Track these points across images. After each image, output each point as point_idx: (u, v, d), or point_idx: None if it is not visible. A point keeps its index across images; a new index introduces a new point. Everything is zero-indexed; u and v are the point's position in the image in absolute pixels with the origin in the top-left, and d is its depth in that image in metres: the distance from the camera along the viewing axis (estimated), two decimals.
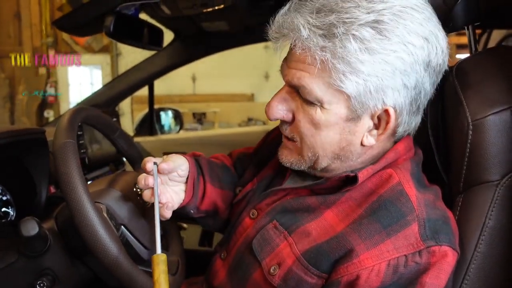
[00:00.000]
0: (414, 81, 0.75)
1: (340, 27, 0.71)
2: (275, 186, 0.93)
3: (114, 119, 1.93)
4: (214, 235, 1.76)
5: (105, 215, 0.86)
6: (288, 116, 0.82)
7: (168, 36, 1.89)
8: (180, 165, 0.94)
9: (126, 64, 6.40)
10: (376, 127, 0.79)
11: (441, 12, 0.80)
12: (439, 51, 0.76)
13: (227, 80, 6.95)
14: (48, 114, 7.01)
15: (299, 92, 0.78)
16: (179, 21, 1.83)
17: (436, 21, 0.77)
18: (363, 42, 0.71)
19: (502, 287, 0.78)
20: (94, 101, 2.10)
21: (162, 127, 2.74)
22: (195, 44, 2.08)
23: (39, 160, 1.18)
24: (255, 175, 1.01)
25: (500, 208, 0.79)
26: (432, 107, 0.90)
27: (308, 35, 0.72)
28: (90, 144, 1.61)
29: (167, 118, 2.85)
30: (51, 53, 7.12)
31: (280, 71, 0.82)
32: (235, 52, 2.22)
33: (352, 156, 0.81)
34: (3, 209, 1.17)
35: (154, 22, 1.73)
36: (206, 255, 1.17)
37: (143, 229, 0.94)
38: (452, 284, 0.76)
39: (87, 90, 7.50)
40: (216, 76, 6.64)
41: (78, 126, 0.91)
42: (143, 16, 1.65)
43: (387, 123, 0.78)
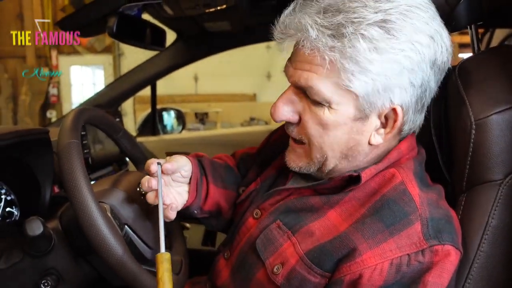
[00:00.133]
0: (420, 79, 0.75)
1: (349, 27, 0.70)
2: (278, 186, 0.93)
3: (117, 119, 1.94)
4: (217, 234, 1.76)
5: (109, 214, 0.87)
6: (294, 117, 0.81)
7: (170, 36, 1.89)
8: (183, 165, 0.94)
9: (128, 64, 6.40)
10: (383, 126, 0.79)
11: (443, 12, 0.80)
12: (444, 49, 0.77)
13: (229, 80, 6.94)
14: (50, 114, 7.03)
15: (306, 93, 0.78)
16: (181, 21, 1.83)
17: (439, 19, 0.77)
18: (371, 41, 0.71)
19: (505, 286, 0.78)
20: (97, 101, 2.10)
21: (164, 127, 2.74)
22: (198, 44, 2.08)
23: (43, 160, 1.18)
24: (259, 175, 1.01)
25: (503, 208, 0.79)
26: (435, 107, 0.90)
27: (317, 35, 0.71)
28: (93, 144, 1.61)
29: (169, 118, 2.85)
30: (54, 53, 7.15)
31: (285, 72, 0.82)
32: (237, 52, 2.22)
33: (359, 155, 0.81)
34: (8, 209, 1.17)
35: (156, 23, 1.74)
36: (209, 254, 1.17)
37: (146, 228, 0.94)
38: (455, 284, 0.76)
39: (89, 90, 7.51)
40: (218, 76, 6.62)
41: (82, 126, 0.92)
42: (146, 16, 1.66)
43: (395, 121, 0.78)
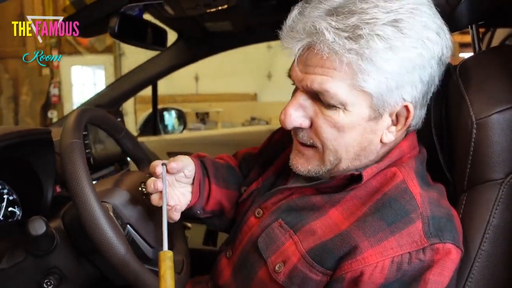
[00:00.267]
0: (428, 75, 0.77)
1: (364, 28, 0.71)
2: (279, 185, 0.93)
3: (119, 119, 1.94)
4: (218, 234, 1.76)
5: (111, 214, 0.87)
6: (306, 122, 0.80)
7: (171, 36, 1.89)
8: (187, 165, 0.95)
9: (129, 64, 6.40)
10: (394, 123, 0.80)
11: (444, 12, 0.80)
12: (447, 45, 0.78)
13: (230, 80, 6.94)
14: (52, 114, 7.04)
15: (318, 97, 0.77)
16: (182, 21, 1.83)
17: (440, 16, 0.79)
18: (387, 41, 0.71)
19: (507, 286, 0.78)
20: (98, 101, 2.10)
21: (165, 127, 2.75)
22: (199, 44, 2.08)
23: (45, 160, 1.19)
24: (260, 175, 1.01)
25: (504, 207, 0.79)
26: (436, 106, 0.90)
27: (334, 38, 0.71)
28: (94, 144, 1.61)
29: (170, 118, 2.86)
30: (55, 53, 7.16)
31: (291, 77, 0.81)
32: (238, 52, 2.22)
33: (371, 154, 0.82)
34: (10, 208, 1.18)
35: (157, 23, 1.74)
36: (210, 254, 1.17)
37: (148, 228, 0.95)
38: (456, 283, 0.76)
39: (90, 90, 7.52)
40: (219, 76, 6.62)
41: (84, 126, 0.92)
42: (147, 16, 1.66)
43: (407, 118, 0.79)
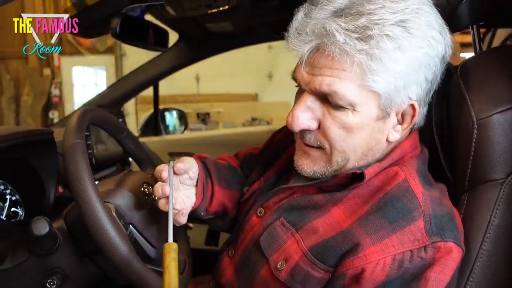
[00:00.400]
0: (432, 74, 0.78)
1: (374, 29, 0.71)
2: (281, 185, 0.93)
3: (120, 120, 1.94)
4: (220, 234, 1.77)
5: (114, 214, 0.87)
6: (314, 124, 0.80)
7: (172, 37, 1.90)
8: (191, 166, 0.95)
9: (130, 65, 6.41)
10: (399, 122, 0.81)
11: (445, 12, 0.81)
12: (449, 44, 0.79)
13: (231, 80, 6.95)
14: (53, 115, 7.05)
15: (326, 98, 0.78)
16: (183, 22, 1.84)
17: (440, 16, 0.80)
18: (396, 41, 0.72)
19: (508, 285, 0.78)
20: (100, 102, 2.10)
21: (167, 127, 2.75)
22: (200, 45, 2.09)
23: (47, 160, 1.19)
24: (262, 175, 1.02)
25: (505, 206, 0.79)
26: (437, 106, 0.91)
27: (345, 40, 0.72)
28: (96, 145, 1.62)
29: (171, 119, 2.86)
30: (56, 54, 7.16)
31: (296, 79, 0.81)
32: (239, 52, 2.22)
33: (378, 153, 0.82)
34: (12, 209, 1.18)
35: (159, 24, 1.74)
36: (212, 254, 1.17)
37: (151, 228, 0.95)
38: (457, 282, 0.76)
39: (91, 91, 7.53)
40: (219, 76, 6.63)
41: (86, 126, 0.92)
42: (148, 17, 1.67)
43: (412, 116, 0.79)
